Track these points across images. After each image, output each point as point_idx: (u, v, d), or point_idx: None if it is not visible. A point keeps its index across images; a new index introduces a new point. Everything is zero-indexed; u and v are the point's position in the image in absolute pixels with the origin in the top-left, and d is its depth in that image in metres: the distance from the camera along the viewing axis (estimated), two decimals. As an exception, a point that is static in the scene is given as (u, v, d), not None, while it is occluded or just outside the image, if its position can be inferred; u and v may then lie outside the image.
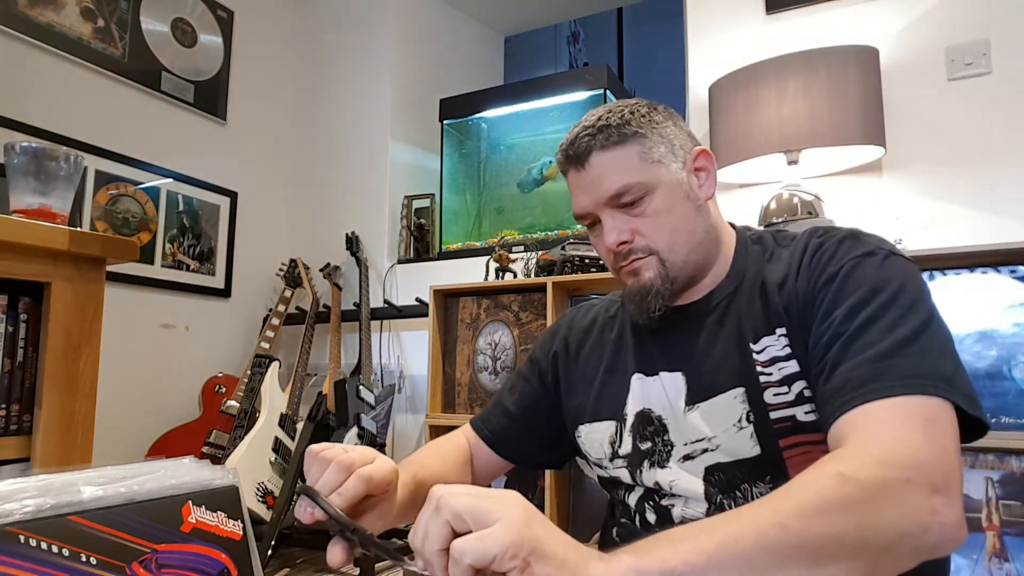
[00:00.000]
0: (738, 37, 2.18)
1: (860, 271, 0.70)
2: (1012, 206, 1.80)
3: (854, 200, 1.96)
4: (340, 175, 2.96)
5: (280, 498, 2.10)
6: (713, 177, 0.84)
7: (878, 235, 0.75)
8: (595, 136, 0.79)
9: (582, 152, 0.79)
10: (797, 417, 0.71)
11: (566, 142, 0.82)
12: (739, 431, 0.73)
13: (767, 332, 0.75)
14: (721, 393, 0.76)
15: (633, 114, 0.80)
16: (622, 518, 0.85)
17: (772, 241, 0.83)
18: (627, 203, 0.78)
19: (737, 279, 0.81)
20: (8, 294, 1.08)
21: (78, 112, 2.23)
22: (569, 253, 2.07)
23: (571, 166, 0.81)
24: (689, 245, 0.79)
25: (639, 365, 0.86)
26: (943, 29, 1.91)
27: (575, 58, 4.67)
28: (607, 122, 0.79)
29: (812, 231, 0.79)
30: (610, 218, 0.79)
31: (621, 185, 0.77)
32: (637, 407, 0.84)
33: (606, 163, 0.78)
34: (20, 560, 0.43)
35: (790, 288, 0.75)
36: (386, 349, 2.70)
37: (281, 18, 3.07)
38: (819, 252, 0.74)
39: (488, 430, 0.96)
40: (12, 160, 1.12)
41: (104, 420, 1.20)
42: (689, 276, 0.81)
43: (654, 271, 0.79)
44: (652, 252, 0.79)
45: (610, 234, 0.79)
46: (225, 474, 0.57)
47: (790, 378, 0.72)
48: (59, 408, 1.09)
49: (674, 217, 0.79)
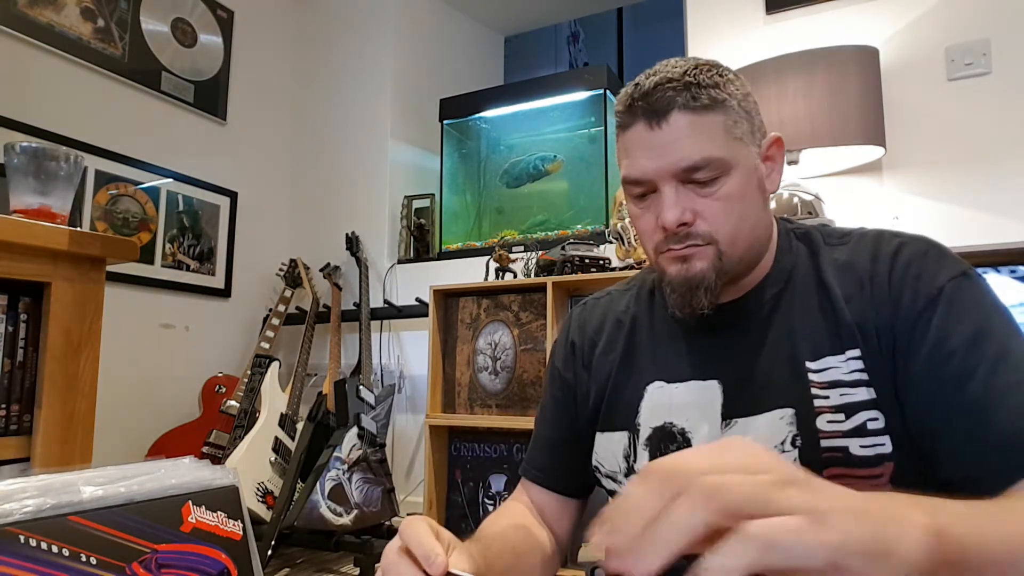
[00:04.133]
0: (738, 37, 2.19)
1: (966, 295, 0.63)
2: (1012, 206, 1.80)
3: (854, 200, 1.96)
4: (340, 175, 2.96)
5: (280, 498, 2.10)
6: (780, 169, 0.75)
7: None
8: (680, 91, 0.66)
9: (661, 107, 0.66)
10: (850, 449, 0.63)
11: (637, 91, 0.68)
12: (780, 455, 0.65)
13: (833, 352, 0.67)
14: (766, 411, 0.68)
15: (722, 76, 0.68)
16: None
17: (820, 238, 0.74)
18: (700, 180, 0.67)
19: (782, 279, 0.73)
20: (8, 294, 1.08)
21: (78, 112, 2.23)
22: (569, 253, 2.07)
23: (640, 120, 0.68)
24: (749, 240, 0.70)
25: (659, 371, 0.76)
26: (943, 29, 1.91)
27: (575, 58, 4.67)
28: (695, 79, 0.66)
29: (877, 235, 0.71)
30: (674, 192, 0.67)
31: (702, 157, 0.65)
32: (656, 420, 0.75)
33: (687, 127, 0.66)
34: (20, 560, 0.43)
35: (863, 304, 0.66)
36: (386, 349, 2.69)
37: (281, 18, 3.07)
38: (905, 267, 0.66)
39: (537, 470, 0.84)
40: (12, 160, 1.12)
41: (104, 420, 1.20)
42: (738, 274, 0.71)
43: (708, 262, 0.68)
44: (711, 241, 0.68)
45: (671, 210, 0.67)
46: (225, 474, 0.57)
47: (852, 407, 0.64)
48: (59, 408, 1.09)
49: (744, 206, 0.68)
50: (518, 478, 0.88)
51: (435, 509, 2.18)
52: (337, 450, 2.10)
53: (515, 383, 2.13)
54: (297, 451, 2.20)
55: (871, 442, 0.63)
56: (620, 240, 2.12)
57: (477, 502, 2.17)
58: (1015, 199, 1.80)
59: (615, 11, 4.51)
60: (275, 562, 2.10)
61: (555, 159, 2.60)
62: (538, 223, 2.63)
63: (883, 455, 0.63)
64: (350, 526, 2.06)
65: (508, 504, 0.84)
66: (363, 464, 2.17)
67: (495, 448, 2.18)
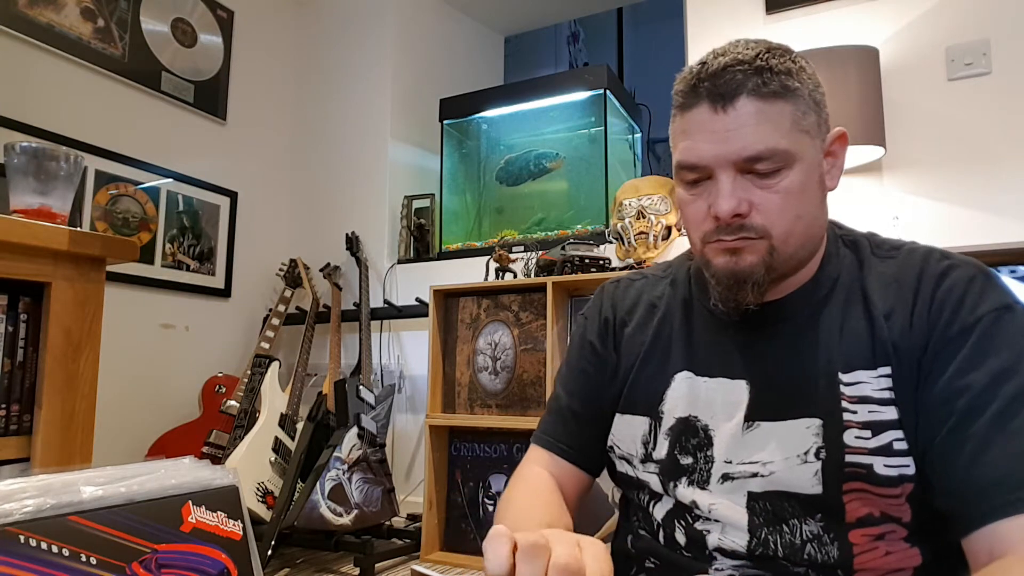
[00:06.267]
0: (738, 37, 2.18)
1: (1003, 330, 0.61)
2: (1012, 206, 1.80)
3: (854, 200, 1.96)
4: (340, 175, 2.96)
5: (280, 498, 2.10)
6: (841, 166, 0.71)
7: (999, 275, 0.66)
8: (750, 76, 0.63)
9: (729, 90, 0.63)
10: (874, 468, 0.62)
11: (703, 71, 0.65)
12: (802, 464, 0.65)
13: (866, 366, 0.65)
14: (792, 419, 0.67)
15: (795, 63, 0.65)
16: (641, 529, 0.76)
17: (868, 248, 0.72)
18: (761, 171, 0.63)
19: (826, 286, 0.70)
20: (8, 294, 1.08)
21: (78, 112, 2.23)
22: (569, 253, 2.07)
23: (704, 101, 0.64)
24: (803, 239, 0.67)
25: (690, 362, 0.74)
26: (943, 29, 1.91)
27: (575, 58, 4.67)
28: (767, 64, 0.63)
29: (927, 253, 0.68)
30: (731, 181, 0.64)
31: (767, 147, 0.62)
32: (680, 411, 0.73)
33: (755, 114, 0.62)
34: (20, 560, 0.43)
35: (902, 322, 0.65)
36: (386, 349, 2.70)
37: (281, 18, 3.07)
38: (948, 291, 0.64)
39: (565, 444, 0.81)
40: (12, 160, 1.12)
41: (104, 420, 1.20)
42: (785, 273, 0.69)
43: (759, 257, 0.65)
44: (765, 235, 0.65)
45: (727, 200, 0.64)
46: (225, 474, 0.57)
47: (880, 425, 0.63)
48: (59, 408, 1.09)
49: (802, 202, 0.65)
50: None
51: (435, 509, 2.18)
52: (337, 450, 2.10)
53: (515, 383, 2.13)
54: (297, 451, 2.20)
55: (896, 462, 0.62)
56: (620, 240, 2.12)
57: (477, 502, 2.17)
58: (1015, 199, 1.80)
59: (615, 11, 4.52)
60: (275, 562, 2.10)
61: (557, 156, 2.60)
62: (538, 223, 2.63)
63: (905, 476, 0.63)
64: (350, 526, 2.06)
65: (534, 474, 0.80)
66: (363, 464, 2.17)
67: (495, 448, 2.18)
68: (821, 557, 0.64)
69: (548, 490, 0.77)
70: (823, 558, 0.64)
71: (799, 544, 0.65)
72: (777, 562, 0.66)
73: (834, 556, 0.64)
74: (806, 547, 0.65)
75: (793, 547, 0.65)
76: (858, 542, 0.64)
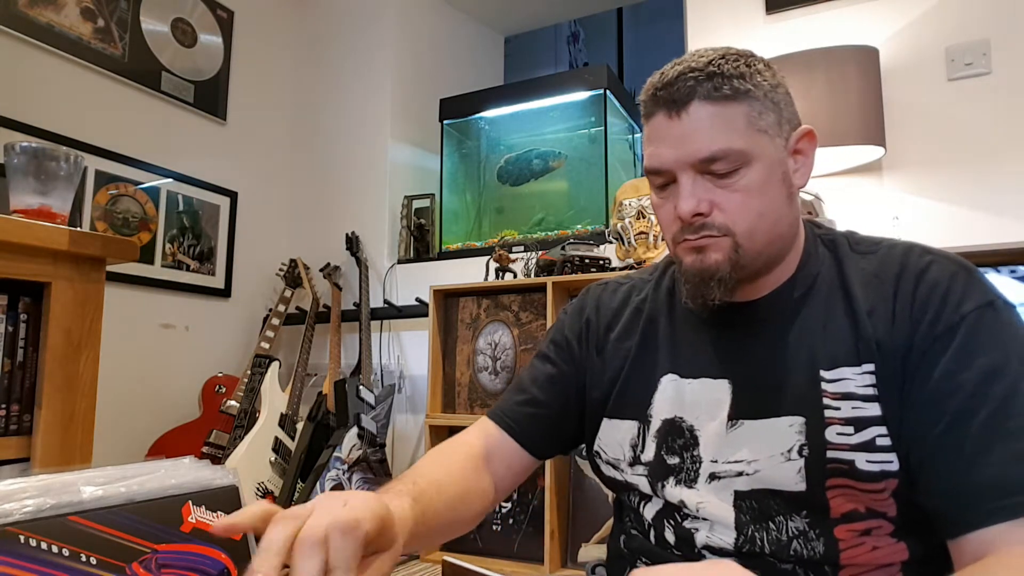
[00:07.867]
0: (738, 37, 2.18)
1: (987, 327, 0.62)
2: (1012, 206, 1.80)
3: (854, 200, 1.96)
4: (340, 175, 2.96)
5: (280, 498, 2.10)
6: (811, 164, 0.73)
7: (979, 270, 0.67)
8: (701, 82, 0.65)
9: (681, 97, 0.66)
10: (856, 463, 0.63)
11: (660, 81, 0.68)
12: (786, 461, 0.66)
13: (850, 363, 0.66)
14: (775, 417, 0.68)
15: (749, 67, 0.67)
16: (633, 529, 0.78)
17: (847, 245, 0.74)
18: (718, 171, 0.66)
19: (806, 284, 0.72)
20: (8, 294, 1.08)
21: (78, 112, 2.23)
22: (569, 253, 2.07)
23: (661, 110, 0.68)
24: (770, 236, 0.69)
25: (674, 364, 0.76)
26: (943, 29, 1.91)
27: (575, 58, 4.67)
28: (719, 69, 0.66)
29: (907, 249, 0.69)
30: (691, 182, 0.67)
31: (719, 148, 0.65)
32: (666, 413, 0.75)
33: (707, 118, 0.65)
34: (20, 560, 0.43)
35: (884, 319, 0.66)
36: (386, 349, 2.69)
37: (281, 18, 3.07)
38: (930, 287, 0.65)
39: (511, 420, 0.83)
40: (12, 160, 1.12)
41: (104, 420, 1.20)
42: (756, 270, 0.70)
43: (724, 254, 0.67)
44: (728, 233, 0.67)
45: (687, 201, 0.67)
46: (225, 474, 0.57)
47: (863, 421, 0.64)
48: (59, 408, 1.09)
49: (764, 200, 0.67)
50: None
51: (435, 509, 2.18)
52: (337, 450, 2.10)
53: (515, 383, 2.13)
54: (297, 451, 2.20)
55: (878, 458, 0.63)
56: (620, 240, 2.12)
57: (477, 502, 2.17)
58: (1015, 199, 1.80)
59: (615, 11, 4.52)
60: (275, 562, 2.10)
61: (559, 155, 2.60)
62: (538, 223, 2.63)
63: (888, 472, 0.63)
64: (350, 526, 2.06)
65: (459, 440, 0.82)
66: (363, 464, 2.17)
67: (495, 448, 2.17)
68: (807, 553, 0.65)
69: (463, 456, 0.78)
70: (809, 554, 0.65)
71: (785, 541, 0.66)
72: (765, 559, 0.66)
73: (820, 552, 0.64)
74: (792, 543, 0.66)
75: (780, 544, 0.66)
76: (844, 538, 0.64)
